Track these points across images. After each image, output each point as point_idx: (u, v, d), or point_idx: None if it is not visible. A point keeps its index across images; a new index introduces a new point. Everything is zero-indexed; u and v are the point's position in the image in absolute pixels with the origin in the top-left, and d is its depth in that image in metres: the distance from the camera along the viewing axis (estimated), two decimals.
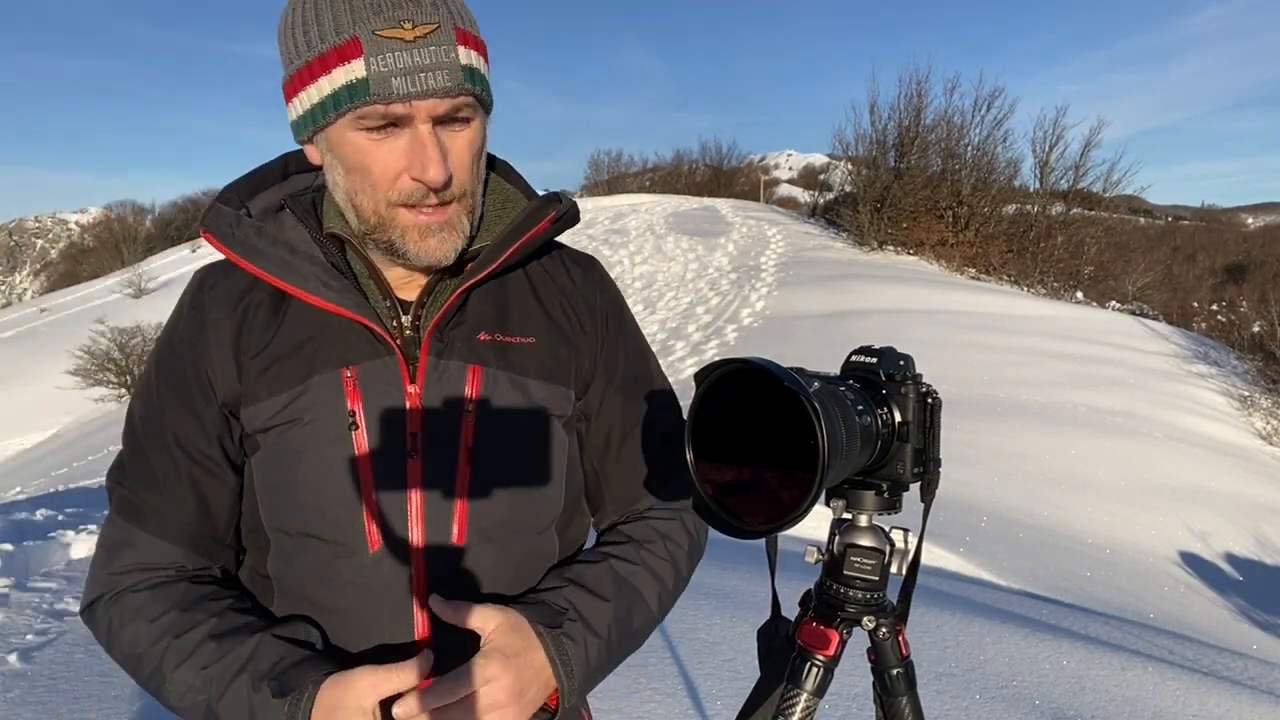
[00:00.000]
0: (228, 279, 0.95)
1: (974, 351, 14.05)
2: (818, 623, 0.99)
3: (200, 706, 0.86)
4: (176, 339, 0.95)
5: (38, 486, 13.74)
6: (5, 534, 4.83)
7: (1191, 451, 10.93)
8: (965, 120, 25.68)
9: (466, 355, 0.93)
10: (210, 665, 0.85)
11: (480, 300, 0.97)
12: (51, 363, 25.46)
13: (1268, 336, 16.43)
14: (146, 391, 0.96)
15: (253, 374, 0.91)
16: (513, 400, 0.95)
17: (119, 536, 0.94)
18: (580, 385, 1.03)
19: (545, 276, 1.03)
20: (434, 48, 0.81)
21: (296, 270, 0.90)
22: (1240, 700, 3.39)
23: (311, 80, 0.83)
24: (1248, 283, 46.89)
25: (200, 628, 0.88)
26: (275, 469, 0.91)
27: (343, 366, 0.90)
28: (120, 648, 0.91)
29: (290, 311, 0.93)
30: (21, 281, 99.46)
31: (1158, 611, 6.59)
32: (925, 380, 0.97)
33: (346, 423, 0.89)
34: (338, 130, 0.84)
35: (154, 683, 0.89)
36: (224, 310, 0.93)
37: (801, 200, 58.49)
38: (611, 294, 1.09)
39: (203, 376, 0.92)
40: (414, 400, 0.91)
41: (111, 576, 0.93)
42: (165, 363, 0.95)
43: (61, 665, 3.10)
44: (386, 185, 0.85)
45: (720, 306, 18.99)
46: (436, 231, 0.88)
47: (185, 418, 0.93)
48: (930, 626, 3.76)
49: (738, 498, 0.80)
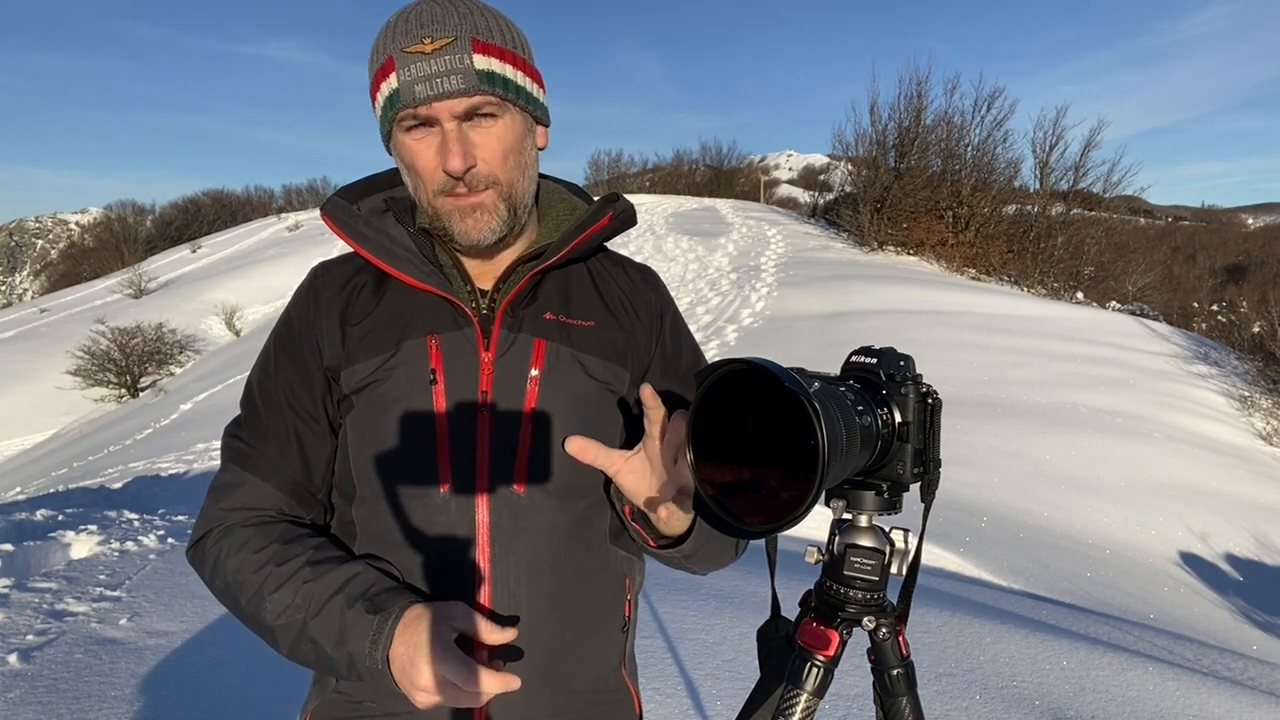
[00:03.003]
0: (338, 268, 1.12)
1: (974, 352, 14.05)
2: (818, 623, 0.99)
3: (296, 624, 0.97)
4: (294, 316, 1.11)
5: (38, 486, 13.74)
6: (5, 534, 4.84)
7: (1191, 451, 10.93)
8: (965, 121, 25.71)
9: (534, 330, 1.07)
10: (309, 583, 0.97)
11: (548, 286, 1.11)
12: (51, 363, 25.47)
13: (1268, 337, 16.43)
14: (265, 361, 1.11)
15: (354, 340, 1.06)
16: (572, 373, 1.07)
17: (229, 479, 1.07)
18: (638, 370, 1.14)
19: (606, 275, 1.17)
20: (449, 57, 0.96)
21: (395, 255, 1.06)
22: (1240, 701, 3.39)
23: (374, 96, 1.01)
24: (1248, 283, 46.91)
25: (300, 557, 1.00)
26: (366, 420, 1.04)
27: (429, 334, 1.05)
28: (224, 575, 1.02)
29: (389, 291, 1.08)
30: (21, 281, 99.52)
31: (1158, 612, 6.59)
32: (925, 380, 0.97)
33: (428, 379, 1.03)
34: (396, 135, 1.01)
35: (253, 606, 1.00)
36: (334, 290, 1.10)
37: (802, 200, 58.51)
38: (666, 298, 1.22)
39: (313, 344, 1.08)
40: (487, 365, 1.04)
41: (221, 512, 1.06)
42: (283, 336, 1.11)
43: (61, 665, 3.10)
44: (429, 178, 1.00)
45: (720, 307, 18.99)
46: (471, 213, 1.01)
47: (296, 380, 1.08)
48: (930, 626, 3.76)
49: (738, 498, 0.80)
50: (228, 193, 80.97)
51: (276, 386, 1.08)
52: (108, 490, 8.93)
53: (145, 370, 25.51)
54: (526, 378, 1.04)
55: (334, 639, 0.95)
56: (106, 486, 9.57)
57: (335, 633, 0.95)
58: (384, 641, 0.92)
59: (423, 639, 0.90)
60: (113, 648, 3.28)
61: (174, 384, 23.64)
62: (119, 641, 3.38)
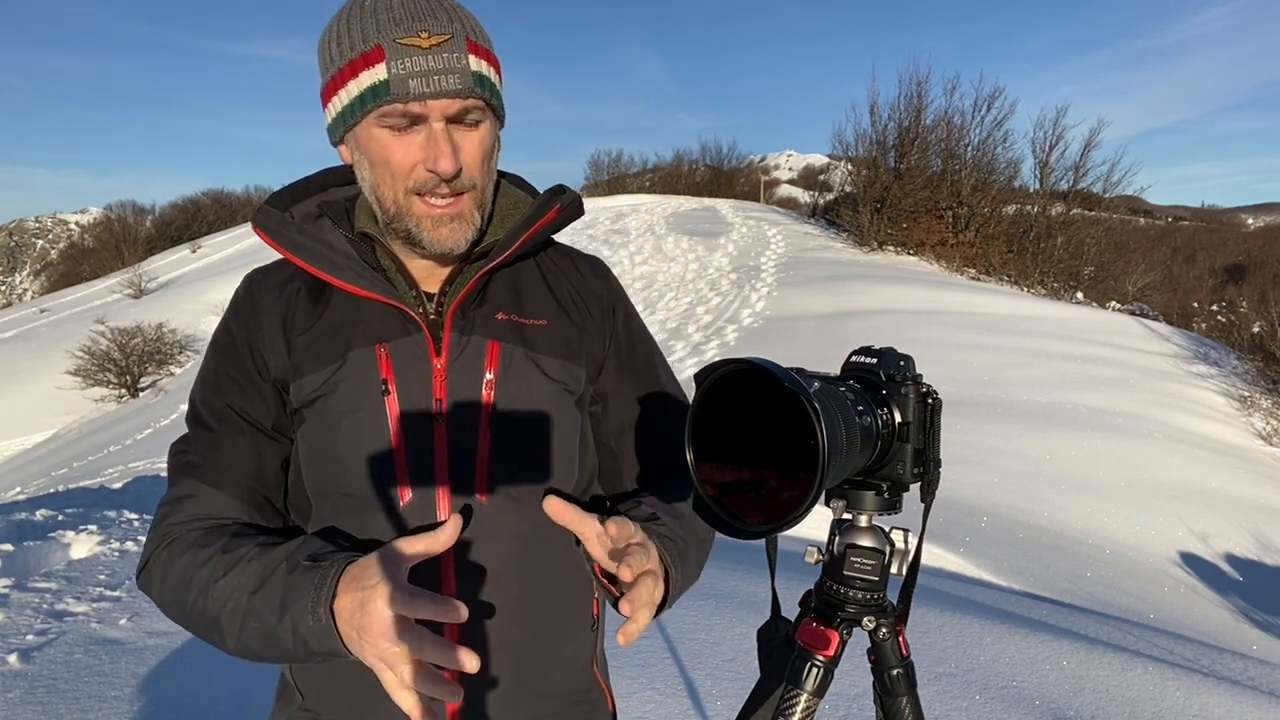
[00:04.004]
0: (274, 274, 1.08)
1: (974, 352, 14.04)
2: (818, 623, 0.99)
3: (241, 606, 0.90)
4: (233, 326, 1.06)
5: (38, 486, 13.74)
6: (5, 534, 4.83)
7: (1191, 451, 10.93)
8: (965, 121, 25.71)
9: (486, 332, 1.03)
10: (254, 560, 0.91)
11: (497, 285, 1.07)
12: (51, 363, 25.46)
13: (1268, 337, 16.42)
14: (206, 374, 1.06)
15: (299, 350, 1.02)
16: (528, 374, 1.04)
17: (179, 494, 1.02)
18: (592, 367, 1.11)
19: (555, 269, 1.14)
20: (447, 54, 0.92)
21: (334, 263, 1.02)
22: (1240, 701, 3.39)
23: (343, 85, 0.95)
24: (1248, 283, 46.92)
25: (249, 544, 0.94)
26: (317, 435, 1.01)
27: (377, 343, 1.01)
28: (171, 580, 0.95)
29: (330, 299, 1.04)
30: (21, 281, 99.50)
31: (1158, 611, 6.59)
32: (925, 380, 0.97)
33: (380, 390, 0.99)
34: (364, 128, 0.95)
35: (200, 602, 0.93)
36: (272, 297, 1.05)
37: (802, 200, 58.52)
38: (617, 290, 1.19)
39: (257, 355, 1.03)
40: (439, 372, 1.01)
41: (170, 527, 1.00)
42: (223, 349, 1.05)
43: (61, 665, 3.10)
44: (404, 175, 0.95)
45: (720, 307, 18.99)
46: (448, 222, 0.98)
47: (243, 391, 1.03)
48: (930, 626, 3.76)
49: (738, 498, 0.80)
50: (228, 193, 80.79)
51: (221, 397, 1.03)
52: (108, 490, 8.92)
53: (145, 370, 25.51)
54: (481, 382, 1.01)
55: (277, 609, 0.87)
56: (106, 486, 9.57)
57: (278, 601, 0.87)
58: (326, 595, 0.84)
59: (372, 582, 0.81)
60: (113, 648, 3.28)
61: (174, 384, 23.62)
62: (119, 641, 3.38)
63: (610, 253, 24.84)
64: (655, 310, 19.53)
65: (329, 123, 1.00)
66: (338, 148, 1.03)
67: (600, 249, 25.22)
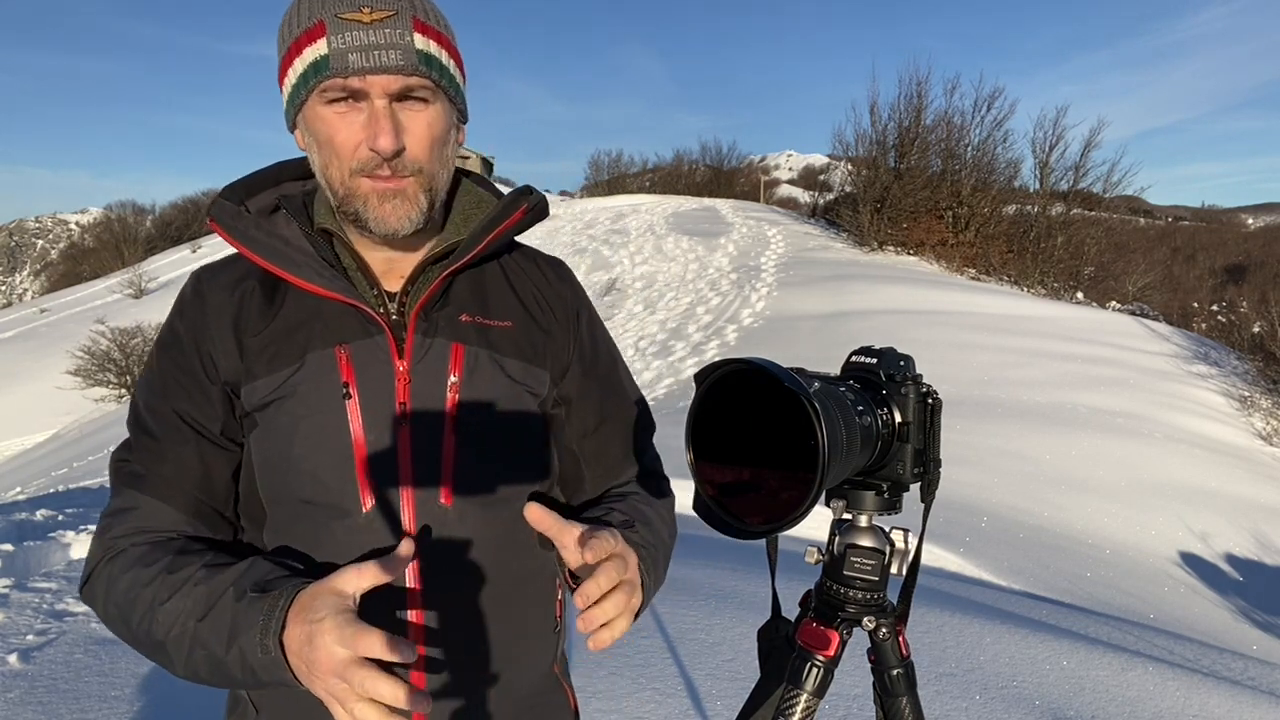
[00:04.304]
0: (224, 271, 1.03)
1: (974, 352, 14.04)
2: (818, 623, 0.99)
3: (188, 633, 0.86)
4: (179, 327, 1.01)
5: (38, 486, 13.74)
6: (5, 534, 4.83)
7: (1191, 451, 10.93)
8: (965, 121, 25.69)
9: (450, 334, 1.01)
10: (200, 584, 0.88)
11: (461, 286, 1.05)
12: (51, 363, 25.46)
13: (1268, 337, 16.42)
14: (150, 377, 1.01)
15: (252, 352, 0.97)
16: (492, 376, 1.02)
17: (122, 505, 0.98)
18: (557, 370, 1.10)
19: (519, 271, 1.12)
20: (389, 29, 0.90)
21: (291, 259, 0.98)
22: (1241, 701, 3.39)
23: (290, 64, 0.93)
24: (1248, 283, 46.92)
25: (195, 563, 0.90)
26: (272, 440, 0.97)
27: (336, 344, 0.97)
28: (115, 598, 0.92)
29: (286, 298, 1.00)
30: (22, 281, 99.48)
31: (1158, 612, 6.59)
32: (925, 381, 0.97)
33: (340, 393, 0.96)
34: (311, 108, 0.93)
35: (144, 624, 0.89)
36: (223, 296, 1.00)
37: (802, 201, 58.51)
38: (580, 294, 1.17)
39: (205, 356, 0.98)
40: (402, 374, 0.98)
41: (113, 540, 0.96)
42: (169, 349, 1.00)
43: (61, 665, 3.10)
44: (349, 154, 0.92)
45: (720, 307, 18.98)
46: (391, 198, 0.94)
47: (189, 396, 0.98)
48: (930, 626, 3.76)
49: (738, 498, 0.80)
50: None
51: (166, 402, 0.98)
52: (108, 490, 8.91)
53: None
54: (445, 384, 0.99)
55: (225, 639, 0.84)
56: (106, 486, 9.56)
57: (225, 630, 0.84)
58: (274, 626, 0.81)
59: (319, 615, 0.78)
60: (113, 648, 3.27)
61: None
62: (119, 641, 3.37)
63: (610, 253, 24.83)
64: (655, 310, 19.52)
65: (284, 107, 0.97)
66: (293, 134, 0.99)
67: (600, 249, 25.21)
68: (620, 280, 22.27)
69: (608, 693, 2.82)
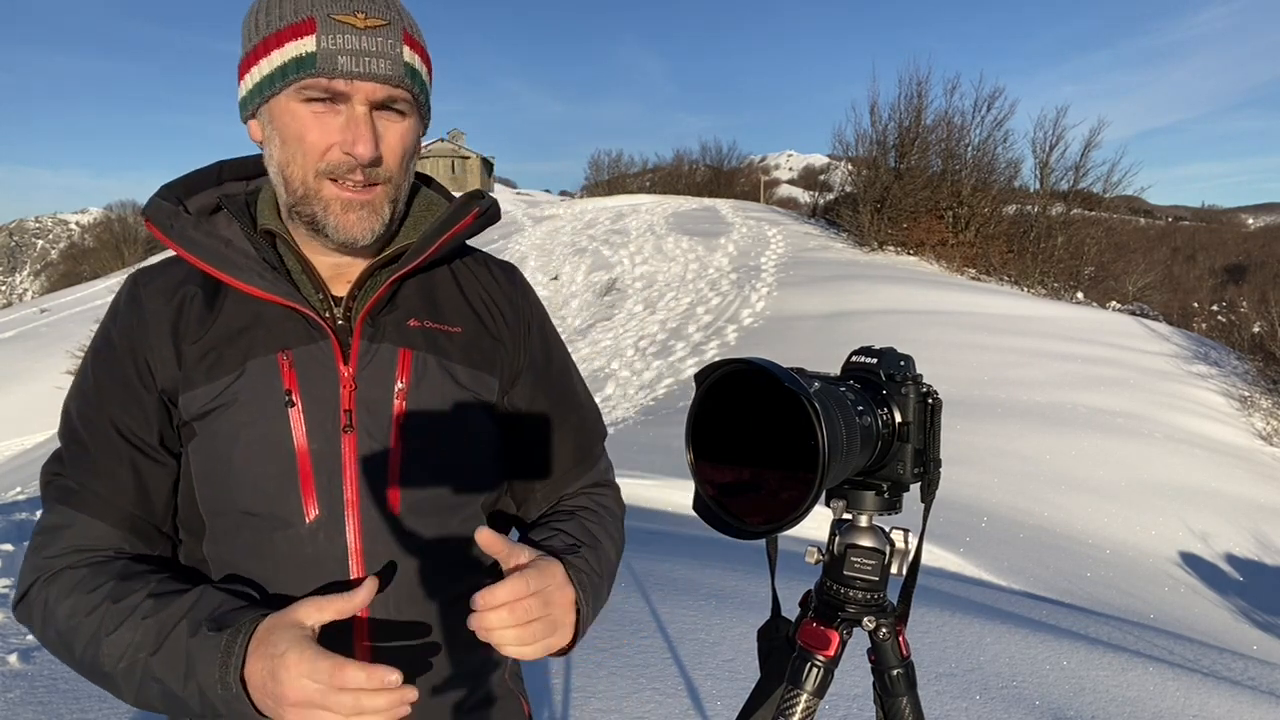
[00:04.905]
0: (162, 275, 1.00)
1: (974, 351, 14.04)
2: (818, 623, 0.99)
3: (139, 665, 0.85)
4: (114, 333, 0.97)
5: (38, 487, 13.74)
6: (5, 534, 4.83)
7: (1191, 451, 10.93)
8: (965, 121, 25.67)
9: (397, 340, 0.99)
10: (149, 617, 0.86)
11: (409, 291, 1.03)
12: (51, 363, 25.45)
13: (1268, 337, 16.42)
14: (83, 385, 0.98)
15: (191, 360, 0.94)
16: (441, 383, 1.00)
17: (55, 522, 0.95)
18: (507, 378, 1.08)
19: (470, 275, 1.10)
20: (381, 38, 0.89)
21: (232, 262, 0.95)
22: (1241, 701, 3.39)
23: (265, 54, 0.90)
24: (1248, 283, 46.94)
25: (140, 591, 0.88)
26: (212, 450, 0.94)
27: (279, 351, 0.95)
28: (55, 624, 0.90)
29: (226, 302, 0.97)
30: (22, 282, 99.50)
31: (1158, 612, 6.59)
32: (925, 380, 0.97)
33: (283, 401, 0.94)
34: (281, 101, 0.91)
35: (89, 653, 0.88)
36: (160, 302, 0.97)
37: (802, 201, 58.51)
38: (533, 300, 1.15)
39: (142, 365, 0.95)
40: (347, 381, 0.96)
41: (47, 560, 0.93)
42: (103, 356, 0.97)
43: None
44: (317, 155, 0.91)
45: (720, 307, 18.98)
46: (357, 209, 0.93)
47: (124, 406, 0.95)
48: (930, 626, 3.76)
49: (738, 498, 0.80)
50: None
51: (101, 413, 0.95)
52: None
53: None
54: (392, 391, 0.97)
55: (181, 674, 0.83)
56: None
57: (181, 666, 0.83)
58: (235, 662, 0.81)
59: (279, 649, 0.79)
60: None
61: None
62: None
63: (610, 253, 24.84)
64: (655, 310, 19.52)
65: (243, 95, 0.94)
66: (247, 124, 0.96)
67: (600, 249, 25.22)
68: (620, 280, 22.27)
69: (608, 693, 2.82)
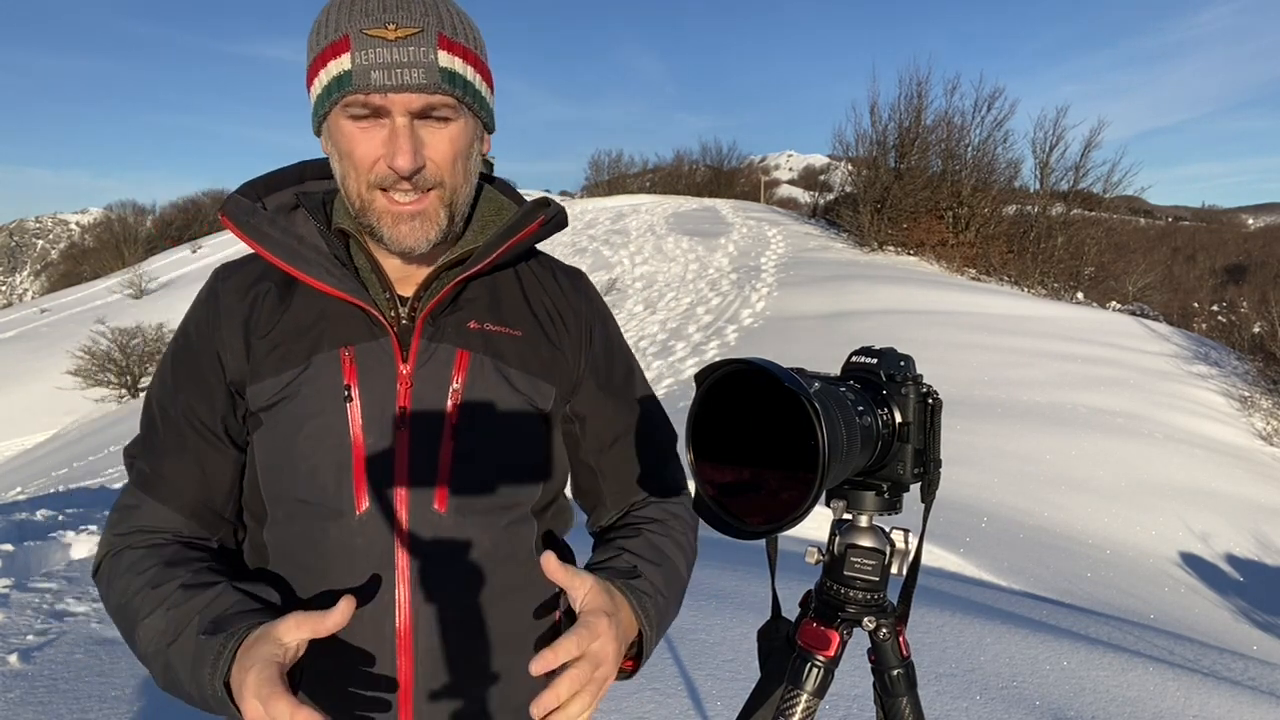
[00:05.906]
0: (240, 271, 1.05)
1: (974, 352, 14.04)
2: (818, 623, 0.99)
3: (161, 653, 0.90)
4: (192, 326, 1.03)
5: (38, 486, 13.74)
6: (5, 534, 4.83)
7: (1191, 452, 10.93)
8: (965, 121, 25.70)
9: (456, 341, 1.01)
10: (174, 609, 0.91)
11: (473, 293, 1.05)
12: (51, 363, 25.46)
13: (1268, 337, 16.43)
14: (162, 375, 1.04)
15: (260, 354, 0.99)
16: (496, 385, 1.02)
17: (128, 502, 1.02)
18: (566, 385, 1.09)
19: (534, 280, 1.11)
20: (413, 48, 0.90)
21: (303, 257, 0.99)
22: (1241, 701, 3.39)
23: (315, 74, 0.94)
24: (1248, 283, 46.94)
25: (175, 580, 0.93)
26: (275, 440, 0.98)
27: (342, 346, 0.98)
28: (113, 600, 0.97)
29: (296, 298, 1.01)
30: (22, 282, 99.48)
31: (1158, 612, 6.59)
32: (925, 381, 0.97)
33: (342, 395, 0.97)
34: (334, 118, 0.94)
35: (131, 636, 0.94)
36: (236, 297, 1.02)
37: (802, 201, 58.50)
38: (597, 305, 1.16)
39: (214, 357, 1.00)
40: (405, 378, 0.99)
41: (116, 537, 1.01)
42: (181, 349, 1.03)
43: (61, 665, 3.10)
44: (366, 169, 0.93)
45: (721, 307, 18.98)
46: (408, 220, 0.95)
47: (196, 396, 1.01)
48: (930, 627, 3.76)
49: (738, 498, 0.80)
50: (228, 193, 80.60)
51: (175, 403, 1.01)
52: (108, 490, 8.92)
53: (145, 370, 25.47)
54: (447, 391, 0.99)
55: (189, 668, 0.87)
56: (107, 487, 9.57)
57: (190, 661, 0.87)
58: (221, 668, 0.84)
59: (249, 663, 0.81)
60: (113, 648, 3.27)
61: None
62: (119, 641, 3.37)
63: (610, 253, 24.83)
64: (655, 310, 19.52)
65: (311, 112, 0.98)
66: (320, 138, 1.00)
67: (600, 249, 25.22)
68: (620, 280, 22.27)
69: (608, 692, 2.82)
